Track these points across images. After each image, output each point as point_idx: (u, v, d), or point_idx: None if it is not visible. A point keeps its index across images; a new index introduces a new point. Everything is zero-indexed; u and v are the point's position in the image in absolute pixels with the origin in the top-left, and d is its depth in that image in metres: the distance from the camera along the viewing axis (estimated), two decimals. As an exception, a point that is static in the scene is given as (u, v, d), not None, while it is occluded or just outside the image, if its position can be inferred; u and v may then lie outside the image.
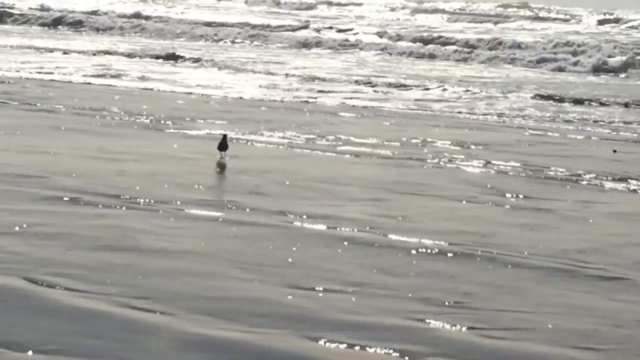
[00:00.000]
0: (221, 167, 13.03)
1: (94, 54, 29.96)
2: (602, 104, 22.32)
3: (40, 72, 24.25)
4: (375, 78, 26.54)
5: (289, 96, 22.13)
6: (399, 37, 36.32)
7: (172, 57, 29.39)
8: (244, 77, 26.16)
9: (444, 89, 24.35)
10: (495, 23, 45.15)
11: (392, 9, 50.28)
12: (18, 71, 24.42)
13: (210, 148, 13.94)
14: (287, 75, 26.22)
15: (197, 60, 29.87)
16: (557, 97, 23.07)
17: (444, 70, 29.90)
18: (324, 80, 25.45)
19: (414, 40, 35.43)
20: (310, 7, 51.97)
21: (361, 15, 48.54)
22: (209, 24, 40.47)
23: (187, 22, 41.29)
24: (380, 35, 36.74)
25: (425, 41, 34.97)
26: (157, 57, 29.51)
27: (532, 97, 23.09)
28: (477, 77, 28.34)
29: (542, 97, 23.21)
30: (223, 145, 13.34)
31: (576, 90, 25.68)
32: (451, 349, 6.82)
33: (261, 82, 24.91)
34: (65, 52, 29.92)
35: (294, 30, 38.79)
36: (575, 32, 41.28)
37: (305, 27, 39.15)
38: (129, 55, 30.06)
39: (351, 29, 37.90)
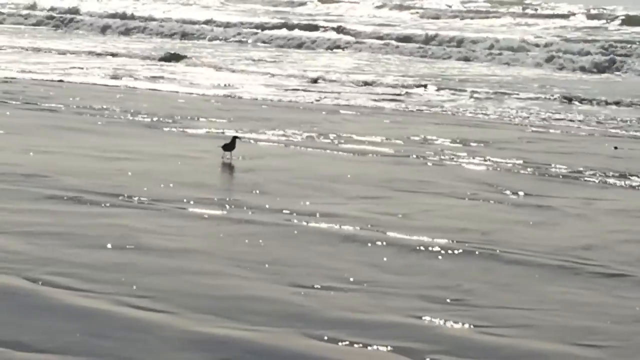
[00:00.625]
0: (227, 167, 12.98)
1: (90, 54, 29.86)
2: (602, 102, 22.29)
3: (38, 72, 24.21)
4: (382, 78, 26.53)
5: (291, 95, 22.12)
6: (403, 36, 36.22)
7: (172, 58, 29.34)
8: (245, 77, 26.15)
9: (450, 88, 24.34)
10: (489, 18, 45.09)
11: (380, 6, 49.89)
12: (22, 71, 24.42)
13: (211, 146, 13.94)
14: (288, 75, 26.19)
15: (197, 60, 29.86)
16: (564, 96, 23.04)
17: (454, 68, 29.89)
18: (326, 79, 25.43)
19: (418, 40, 35.34)
20: (301, 3, 51.65)
21: (359, 13, 48.36)
22: (204, 23, 40.21)
23: (181, 21, 40.98)
24: (384, 35, 36.63)
25: (431, 40, 34.89)
26: (155, 58, 29.41)
27: (536, 96, 23.07)
28: (487, 75, 28.32)
29: (547, 96, 23.20)
30: (230, 145, 13.28)
31: (577, 88, 25.67)
32: (453, 346, 6.82)
33: (263, 81, 24.91)
34: (57, 52, 29.81)
35: (292, 28, 38.61)
36: (574, 29, 41.23)
37: (306, 26, 39.02)
38: (127, 56, 29.99)
39: (352, 29, 37.74)
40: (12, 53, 29.44)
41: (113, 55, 29.78)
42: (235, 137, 13.50)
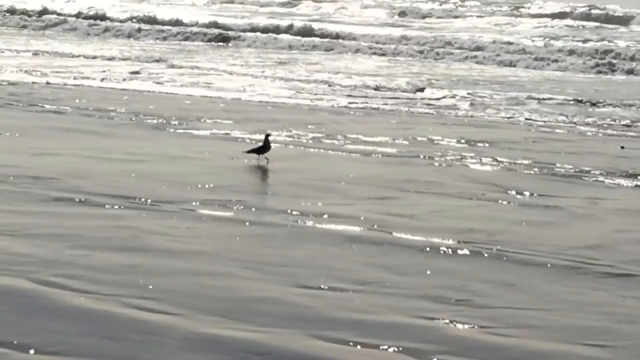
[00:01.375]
0: (262, 171, 12.97)
1: (87, 58, 29.66)
2: (607, 103, 22.27)
3: (39, 75, 24.17)
4: (387, 79, 26.53)
5: (297, 96, 22.13)
6: (402, 37, 36.05)
7: (169, 60, 29.21)
8: (246, 79, 26.15)
9: (454, 89, 24.33)
10: (483, 17, 44.97)
11: (369, 6, 49.47)
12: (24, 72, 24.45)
13: (217, 148, 13.97)
14: (291, 78, 26.15)
15: (200, 62, 29.88)
16: (568, 97, 23.02)
17: (455, 69, 29.90)
18: (329, 81, 25.43)
19: (415, 41, 35.14)
20: (293, 4, 51.23)
21: (350, 13, 48.04)
22: (202, 25, 39.82)
23: (178, 22, 40.51)
24: (384, 37, 36.45)
25: (429, 41, 34.75)
26: (152, 60, 29.23)
27: (540, 96, 23.05)
28: (490, 76, 28.31)
29: (551, 96, 23.18)
30: (265, 147, 13.22)
31: (580, 89, 25.64)
32: (459, 346, 6.83)
33: (267, 83, 24.91)
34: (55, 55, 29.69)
35: (296, 32, 38.32)
36: (572, 28, 41.10)
37: (307, 28, 38.72)
38: (126, 59, 29.80)
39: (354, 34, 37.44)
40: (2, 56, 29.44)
41: (108, 58, 29.61)
42: (268, 136, 13.43)
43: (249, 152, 13.36)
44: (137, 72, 25.82)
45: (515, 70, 30.00)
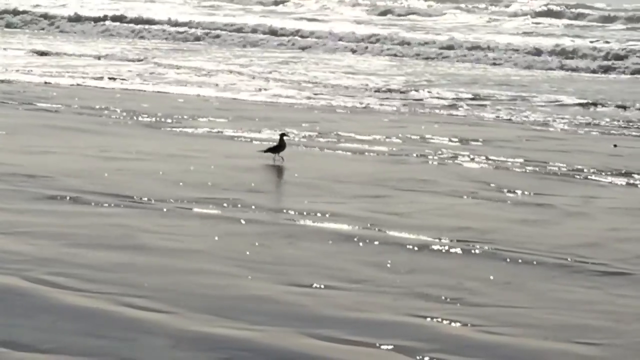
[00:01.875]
0: (278, 170, 12.97)
1: (89, 57, 29.63)
2: (602, 101, 22.29)
3: (33, 74, 24.13)
4: (383, 79, 26.54)
5: (292, 95, 22.12)
6: (397, 38, 35.97)
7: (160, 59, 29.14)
8: (240, 78, 26.15)
9: (449, 89, 24.36)
10: (469, 13, 45.00)
11: (355, 4, 49.28)
12: (26, 72, 24.43)
13: (211, 146, 13.95)
14: (299, 81, 26.12)
15: (193, 62, 29.84)
16: (561, 96, 23.06)
17: (450, 69, 29.93)
18: (323, 82, 25.43)
19: (409, 41, 35.04)
20: (278, 2, 50.96)
21: (343, 13, 47.88)
22: (194, 26, 39.58)
23: (173, 22, 40.28)
24: (381, 37, 36.33)
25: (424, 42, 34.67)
26: (142, 59, 29.11)
27: (532, 95, 23.08)
28: (485, 76, 28.34)
29: (543, 95, 23.20)
30: (281, 147, 13.24)
31: (573, 88, 25.67)
32: (452, 345, 6.84)
33: (265, 83, 24.91)
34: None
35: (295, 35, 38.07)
36: (560, 27, 41.12)
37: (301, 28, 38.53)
38: (118, 58, 29.68)
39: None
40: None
41: (99, 57, 29.47)
42: (283, 135, 13.45)
43: (265, 151, 13.36)
44: (129, 71, 25.80)
45: (507, 69, 30.02)
